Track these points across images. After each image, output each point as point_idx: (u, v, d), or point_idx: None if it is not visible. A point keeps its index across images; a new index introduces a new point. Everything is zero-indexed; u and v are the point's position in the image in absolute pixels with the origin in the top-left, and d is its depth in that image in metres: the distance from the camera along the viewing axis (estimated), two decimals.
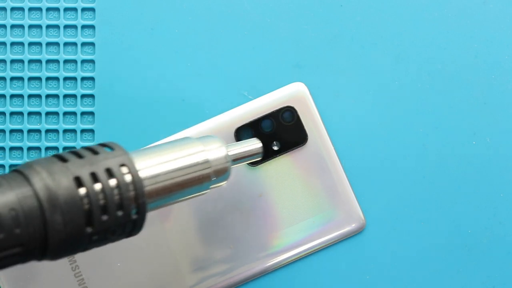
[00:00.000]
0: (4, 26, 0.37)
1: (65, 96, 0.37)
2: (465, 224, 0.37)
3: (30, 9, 0.37)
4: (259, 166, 0.36)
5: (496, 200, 0.37)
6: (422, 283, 0.37)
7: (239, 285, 0.36)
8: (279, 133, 0.36)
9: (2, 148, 0.36)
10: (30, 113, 0.37)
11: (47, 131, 0.37)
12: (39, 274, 0.35)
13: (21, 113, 0.37)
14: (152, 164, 0.27)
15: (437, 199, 0.37)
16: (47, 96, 0.37)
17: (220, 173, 0.30)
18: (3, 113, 0.37)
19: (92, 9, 0.37)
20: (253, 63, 0.37)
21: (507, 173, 0.37)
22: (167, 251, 0.35)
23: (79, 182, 0.24)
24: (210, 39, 0.37)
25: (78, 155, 0.25)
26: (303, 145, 0.36)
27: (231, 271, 0.36)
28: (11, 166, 0.36)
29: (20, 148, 0.37)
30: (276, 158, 0.36)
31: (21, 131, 0.37)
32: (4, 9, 0.37)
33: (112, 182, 0.25)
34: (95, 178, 0.25)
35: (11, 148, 0.36)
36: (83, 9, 0.37)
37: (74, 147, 0.36)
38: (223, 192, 0.36)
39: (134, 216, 0.25)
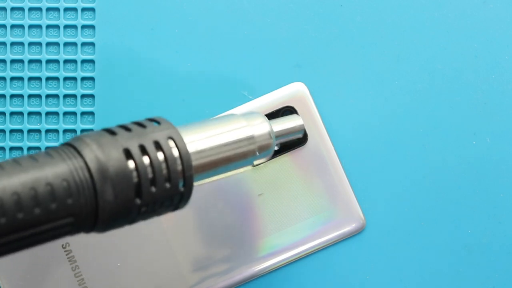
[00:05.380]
0: (4, 26, 0.37)
1: (65, 96, 0.37)
2: (465, 224, 0.37)
3: (30, 9, 0.37)
4: (259, 166, 0.36)
5: (496, 200, 0.37)
6: (422, 283, 0.37)
7: (240, 285, 0.36)
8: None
9: (2, 148, 0.36)
10: (30, 113, 0.37)
11: (47, 131, 0.37)
12: (39, 274, 0.35)
13: (21, 113, 0.37)
14: (199, 139, 0.28)
15: (437, 199, 0.37)
16: (47, 96, 0.37)
17: (264, 148, 0.30)
18: (3, 113, 0.37)
19: (92, 9, 0.37)
20: (253, 63, 0.37)
21: (507, 173, 0.37)
22: (167, 251, 0.35)
23: (128, 154, 0.24)
24: (210, 39, 0.37)
25: (127, 128, 0.26)
26: (303, 145, 0.36)
27: (231, 271, 0.36)
28: None
29: (20, 148, 0.37)
30: (276, 158, 0.36)
31: (21, 131, 0.37)
32: (4, 9, 0.37)
33: (160, 155, 0.25)
34: (143, 150, 0.25)
35: (11, 148, 0.36)
36: (83, 9, 0.37)
37: None
38: (223, 192, 0.36)
39: (181, 189, 0.26)
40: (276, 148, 0.36)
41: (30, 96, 0.37)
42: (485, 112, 0.37)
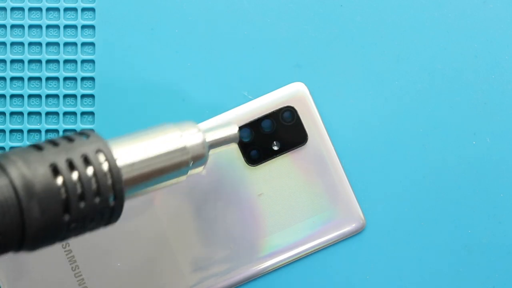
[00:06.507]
0: (4, 26, 0.37)
1: (65, 96, 0.37)
2: (465, 224, 0.37)
3: (30, 9, 0.37)
4: (259, 165, 0.36)
5: (496, 200, 0.37)
6: (422, 283, 0.37)
7: (239, 285, 0.36)
8: (279, 133, 0.36)
9: (2, 148, 0.36)
10: (30, 113, 0.37)
11: (47, 131, 0.37)
12: (39, 274, 0.35)
13: (21, 113, 0.37)
14: (129, 151, 0.27)
15: (437, 199, 0.37)
16: (47, 96, 0.37)
17: (198, 159, 0.30)
18: (3, 113, 0.37)
19: (92, 9, 0.37)
20: (253, 63, 0.37)
21: (507, 173, 0.37)
22: (167, 251, 0.35)
23: (55, 170, 0.24)
24: (210, 39, 0.37)
25: (54, 143, 0.25)
26: (303, 145, 0.36)
27: (231, 271, 0.36)
28: None
29: None
30: (276, 158, 0.36)
31: (21, 131, 0.37)
32: (4, 9, 0.37)
33: (89, 169, 0.25)
34: (71, 165, 0.24)
35: (11, 148, 0.36)
36: (83, 9, 0.37)
37: None
38: (223, 192, 0.36)
39: (112, 203, 0.25)
40: (275, 148, 0.36)
41: (30, 96, 0.37)
42: (485, 112, 0.37)
